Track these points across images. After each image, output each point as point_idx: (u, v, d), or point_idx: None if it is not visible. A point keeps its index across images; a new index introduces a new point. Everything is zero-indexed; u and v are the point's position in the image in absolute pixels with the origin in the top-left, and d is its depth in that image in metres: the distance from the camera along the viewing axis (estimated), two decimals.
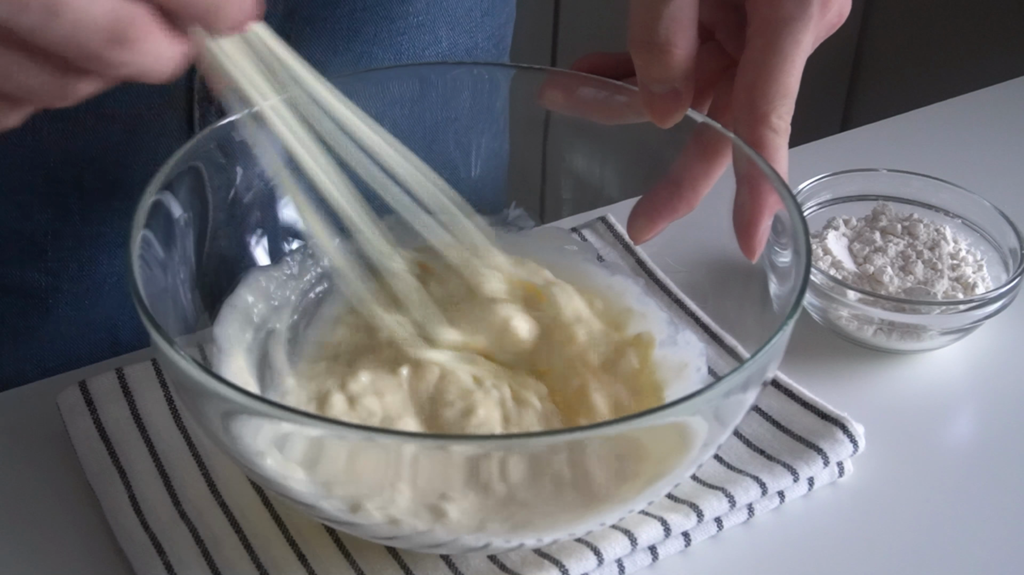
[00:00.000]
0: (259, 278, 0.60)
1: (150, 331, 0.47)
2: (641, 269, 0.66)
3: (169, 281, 0.54)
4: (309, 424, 0.46)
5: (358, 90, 0.62)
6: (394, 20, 0.70)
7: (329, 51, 0.69)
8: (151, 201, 0.53)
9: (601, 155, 0.65)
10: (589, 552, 0.53)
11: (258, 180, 0.60)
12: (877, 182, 0.72)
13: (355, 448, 0.47)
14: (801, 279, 0.51)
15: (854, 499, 0.59)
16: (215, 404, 0.47)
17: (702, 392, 0.46)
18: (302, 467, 0.48)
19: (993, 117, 0.86)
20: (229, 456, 0.51)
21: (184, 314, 0.56)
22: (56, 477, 0.58)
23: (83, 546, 0.56)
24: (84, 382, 0.61)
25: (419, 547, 0.53)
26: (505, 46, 0.80)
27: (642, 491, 0.50)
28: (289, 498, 0.50)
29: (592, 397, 0.56)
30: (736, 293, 0.60)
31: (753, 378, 0.48)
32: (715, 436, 0.50)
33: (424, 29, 0.72)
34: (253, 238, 0.61)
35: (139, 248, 0.51)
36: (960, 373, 0.66)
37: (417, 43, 0.72)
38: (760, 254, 0.54)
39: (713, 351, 0.60)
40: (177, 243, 0.55)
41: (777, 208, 0.54)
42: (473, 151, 0.66)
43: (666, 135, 0.57)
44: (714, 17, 0.57)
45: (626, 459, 0.48)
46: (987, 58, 1.40)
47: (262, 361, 0.58)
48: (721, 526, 0.57)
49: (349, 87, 0.58)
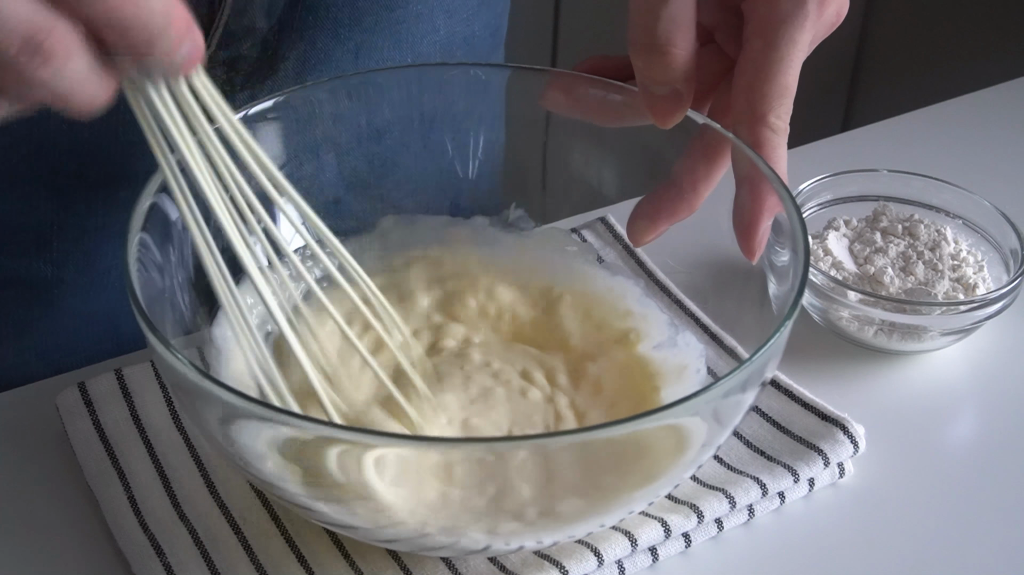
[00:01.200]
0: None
1: (147, 336, 0.47)
2: (641, 270, 0.66)
3: (167, 283, 0.54)
4: (309, 428, 0.46)
5: (358, 92, 0.63)
6: (393, 9, 0.71)
7: (331, 39, 0.69)
8: (148, 204, 0.53)
9: (601, 156, 0.65)
10: (589, 553, 0.53)
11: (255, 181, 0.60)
12: (878, 183, 0.72)
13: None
14: (799, 280, 0.51)
15: (854, 500, 0.59)
16: (214, 408, 0.47)
17: (701, 393, 0.46)
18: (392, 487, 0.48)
19: (993, 117, 0.86)
20: (228, 460, 0.50)
21: (182, 315, 0.55)
22: (55, 478, 0.58)
23: (82, 547, 0.55)
24: (83, 383, 0.61)
25: (419, 550, 0.53)
26: (501, 36, 0.80)
27: (641, 493, 0.50)
28: (289, 501, 0.50)
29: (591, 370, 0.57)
30: (736, 294, 0.60)
31: (752, 379, 0.48)
32: (714, 437, 0.50)
33: (422, 19, 0.72)
34: (251, 238, 0.61)
35: (136, 251, 0.51)
36: (961, 374, 0.66)
37: (415, 32, 0.72)
38: (760, 255, 0.54)
39: (713, 351, 0.60)
40: (175, 245, 0.55)
41: (777, 210, 0.54)
42: (470, 152, 0.66)
43: (666, 136, 0.57)
44: (713, 19, 0.57)
45: (624, 461, 0.48)
46: (987, 58, 1.40)
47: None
48: (721, 527, 0.57)
49: (350, 88, 0.58)
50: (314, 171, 0.63)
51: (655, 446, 0.49)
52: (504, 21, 0.81)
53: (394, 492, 0.48)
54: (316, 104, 0.62)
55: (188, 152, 0.49)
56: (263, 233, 0.52)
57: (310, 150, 0.63)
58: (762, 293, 0.56)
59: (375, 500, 0.48)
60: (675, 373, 0.59)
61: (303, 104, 0.61)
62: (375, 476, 0.47)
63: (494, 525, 0.49)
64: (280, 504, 0.56)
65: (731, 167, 0.56)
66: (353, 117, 0.63)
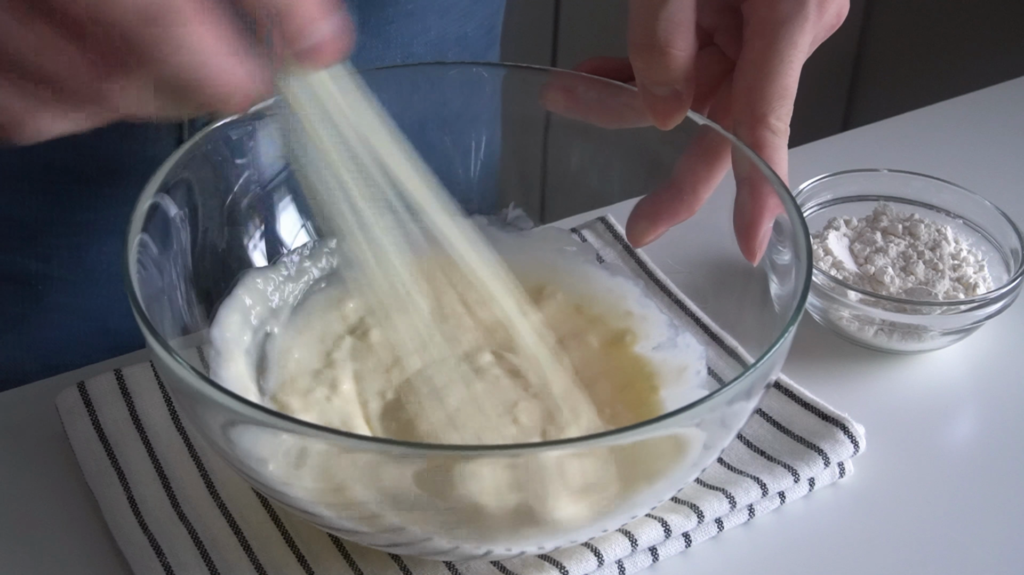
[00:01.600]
0: (256, 280, 0.60)
1: (148, 339, 0.47)
2: (641, 270, 0.66)
3: (166, 283, 0.54)
4: (310, 434, 0.45)
5: None
6: (383, 8, 0.69)
7: None
8: (148, 204, 0.52)
9: (600, 156, 0.65)
10: (589, 553, 0.53)
11: (255, 182, 0.60)
12: (878, 182, 0.72)
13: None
14: (803, 284, 0.50)
15: (855, 500, 0.59)
16: (214, 413, 0.47)
17: (704, 401, 0.46)
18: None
19: (993, 117, 0.86)
20: (228, 463, 0.50)
21: (181, 316, 0.55)
22: (54, 478, 0.58)
23: (81, 547, 0.55)
24: (83, 383, 0.61)
25: (420, 554, 0.53)
26: (496, 35, 0.80)
27: (642, 499, 0.50)
28: (290, 506, 0.50)
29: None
30: (737, 294, 0.60)
31: (756, 385, 0.48)
32: (717, 442, 0.50)
33: (414, 18, 0.71)
34: (250, 240, 0.61)
35: (136, 252, 0.50)
36: (961, 374, 0.66)
37: (406, 32, 0.71)
38: (761, 256, 0.54)
39: (713, 352, 0.60)
40: (174, 245, 0.55)
41: (778, 211, 0.54)
42: (466, 152, 0.66)
43: (666, 137, 0.57)
44: (713, 21, 0.57)
45: (624, 467, 0.48)
46: (987, 58, 1.40)
47: (261, 363, 0.58)
48: (722, 527, 0.56)
49: None
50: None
51: (654, 452, 0.49)
52: (499, 20, 0.80)
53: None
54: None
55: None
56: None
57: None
58: (763, 294, 0.56)
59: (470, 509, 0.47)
60: (675, 374, 0.59)
61: None
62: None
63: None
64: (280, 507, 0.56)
65: (731, 168, 0.56)
66: None
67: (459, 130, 0.65)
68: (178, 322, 0.55)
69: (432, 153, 0.64)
